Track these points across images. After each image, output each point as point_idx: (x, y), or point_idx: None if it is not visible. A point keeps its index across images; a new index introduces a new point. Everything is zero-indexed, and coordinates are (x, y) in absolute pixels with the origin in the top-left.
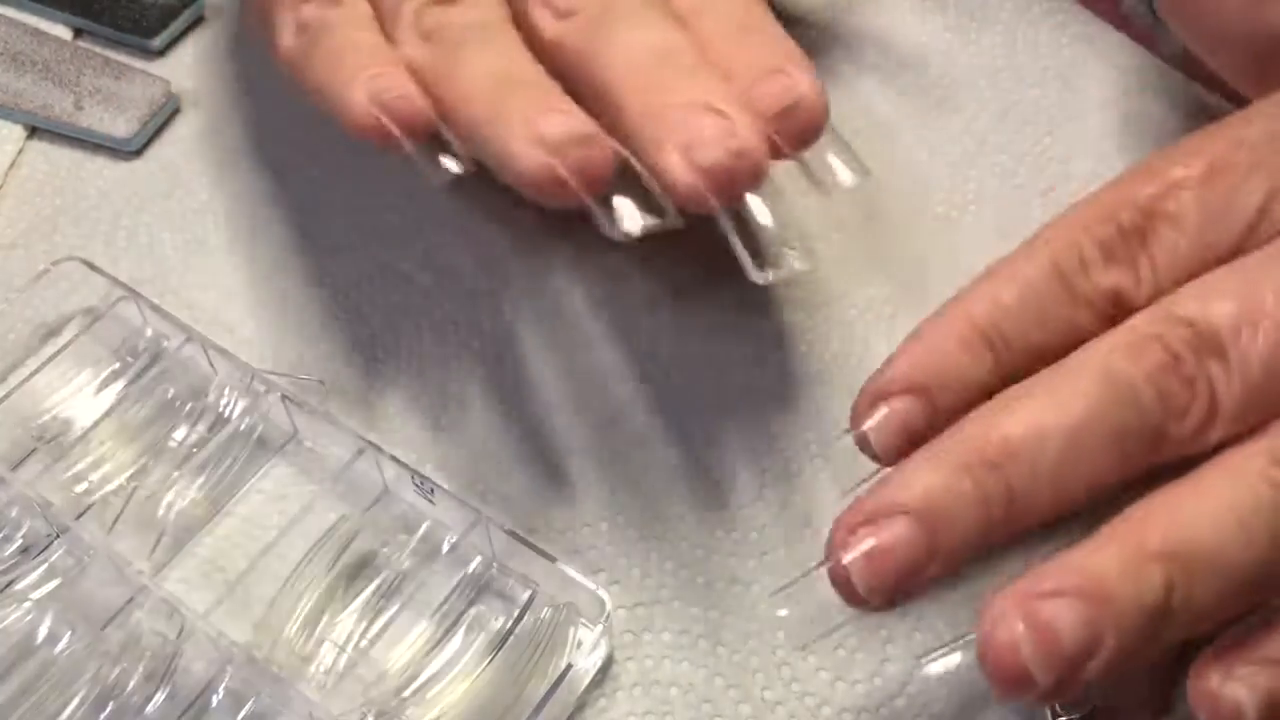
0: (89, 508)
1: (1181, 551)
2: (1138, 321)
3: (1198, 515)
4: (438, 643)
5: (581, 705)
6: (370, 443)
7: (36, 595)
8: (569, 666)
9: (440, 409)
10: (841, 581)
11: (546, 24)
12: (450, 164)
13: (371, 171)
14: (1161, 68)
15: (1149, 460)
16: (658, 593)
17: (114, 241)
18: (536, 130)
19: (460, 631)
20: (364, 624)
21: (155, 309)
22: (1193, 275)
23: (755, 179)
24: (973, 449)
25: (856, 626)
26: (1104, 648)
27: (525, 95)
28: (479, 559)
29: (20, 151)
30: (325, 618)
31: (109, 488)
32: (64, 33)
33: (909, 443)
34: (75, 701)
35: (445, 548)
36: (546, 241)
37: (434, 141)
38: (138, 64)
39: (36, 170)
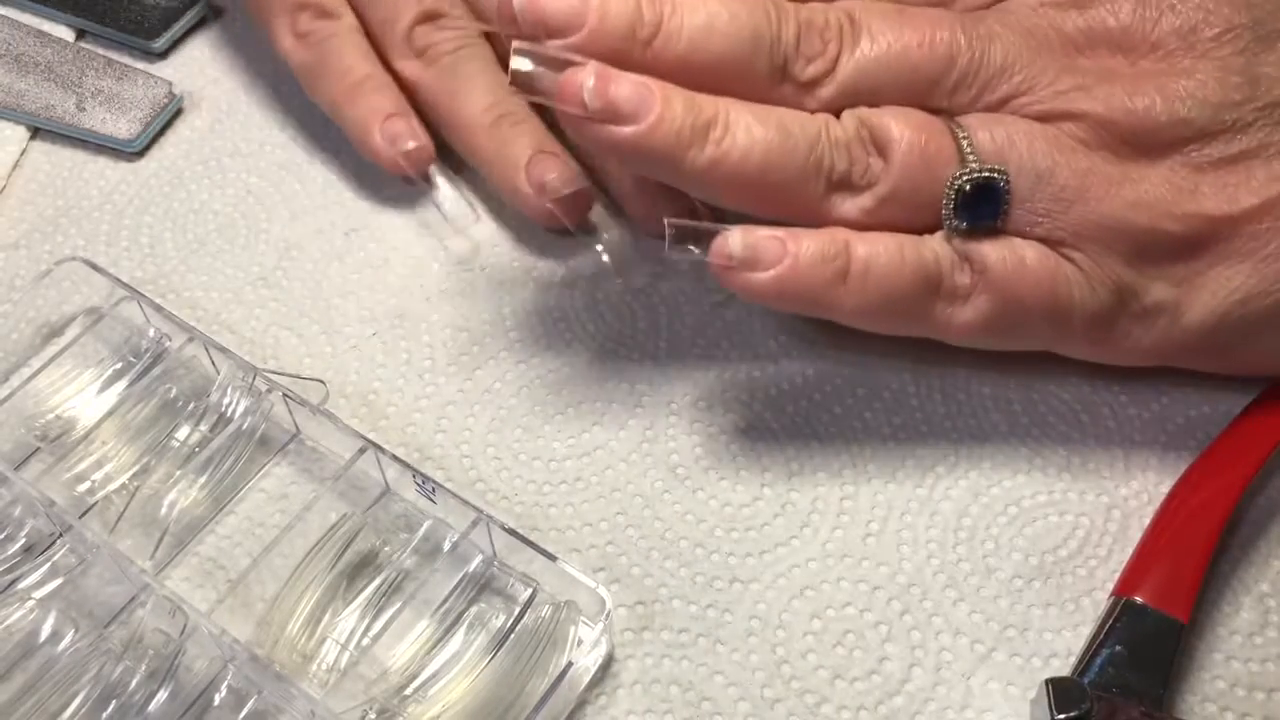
0: (92, 507)
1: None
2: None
3: None
4: (439, 641)
5: (582, 703)
6: (371, 442)
7: (39, 594)
8: (569, 664)
9: (441, 409)
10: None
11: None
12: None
13: (371, 172)
14: None
15: (771, 85)
16: (658, 592)
17: (116, 242)
18: (538, 178)
19: (461, 629)
20: (365, 622)
21: (157, 309)
22: None
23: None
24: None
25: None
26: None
27: (522, 138)
28: (480, 558)
29: (23, 152)
30: (327, 616)
31: (111, 487)
32: (66, 34)
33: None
34: (78, 699)
35: (446, 546)
36: (545, 243)
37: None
38: (140, 65)
39: (39, 171)
